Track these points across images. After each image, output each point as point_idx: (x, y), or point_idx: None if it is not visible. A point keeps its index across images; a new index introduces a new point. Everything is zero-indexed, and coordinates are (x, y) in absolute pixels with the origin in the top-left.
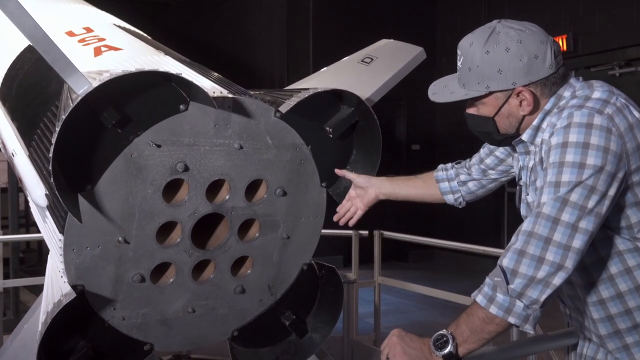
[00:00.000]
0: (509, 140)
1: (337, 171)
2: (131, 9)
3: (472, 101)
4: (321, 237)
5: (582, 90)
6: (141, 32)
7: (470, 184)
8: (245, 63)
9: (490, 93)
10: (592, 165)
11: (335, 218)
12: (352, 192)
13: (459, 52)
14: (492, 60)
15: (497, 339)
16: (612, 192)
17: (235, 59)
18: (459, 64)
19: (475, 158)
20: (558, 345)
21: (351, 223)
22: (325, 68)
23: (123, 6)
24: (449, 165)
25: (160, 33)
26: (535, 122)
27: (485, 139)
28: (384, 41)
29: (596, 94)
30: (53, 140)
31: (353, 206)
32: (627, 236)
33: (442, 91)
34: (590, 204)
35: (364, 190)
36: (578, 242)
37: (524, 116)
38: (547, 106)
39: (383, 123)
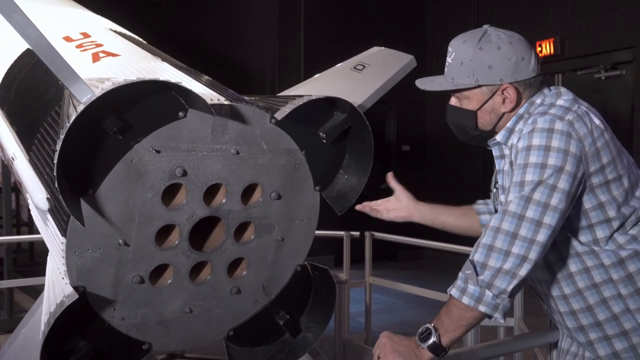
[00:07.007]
0: (483, 138)
1: (389, 178)
2: (122, 9)
3: (458, 95)
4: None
5: (550, 98)
6: (137, 37)
7: None
8: (236, 64)
9: (479, 86)
10: (552, 166)
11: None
12: (388, 203)
13: (450, 49)
14: (485, 56)
15: (484, 337)
16: (572, 190)
17: (226, 60)
18: (449, 60)
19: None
20: (542, 343)
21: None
22: (318, 75)
23: (113, 6)
24: (489, 200)
25: (151, 33)
26: (509, 124)
27: (459, 132)
28: (375, 49)
29: (560, 102)
30: (57, 147)
31: (379, 213)
32: (586, 240)
33: (429, 84)
34: (553, 201)
35: (400, 207)
36: (542, 237)
37: (503, 114)
38: (521, 110)
39: (373, 124)
